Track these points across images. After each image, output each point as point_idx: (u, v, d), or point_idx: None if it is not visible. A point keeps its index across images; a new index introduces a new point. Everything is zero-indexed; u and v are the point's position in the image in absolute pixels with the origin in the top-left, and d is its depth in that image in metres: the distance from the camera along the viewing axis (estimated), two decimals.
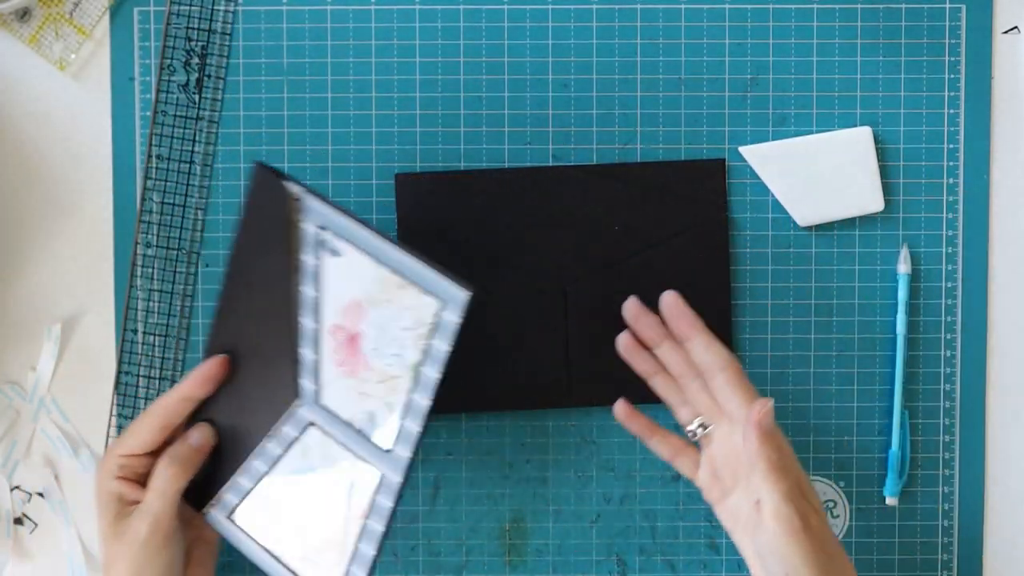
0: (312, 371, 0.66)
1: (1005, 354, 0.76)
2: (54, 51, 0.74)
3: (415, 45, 0.75)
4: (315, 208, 0.65)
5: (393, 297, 0.64)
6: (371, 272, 0.65)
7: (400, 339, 0.65)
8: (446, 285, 0.63)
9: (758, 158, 0.75)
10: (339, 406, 0.66)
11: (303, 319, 0.66)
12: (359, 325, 0.65)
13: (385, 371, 0.65)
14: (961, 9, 0.75)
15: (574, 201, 0.74)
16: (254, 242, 0.67)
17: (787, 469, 0.64)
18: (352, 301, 0.65)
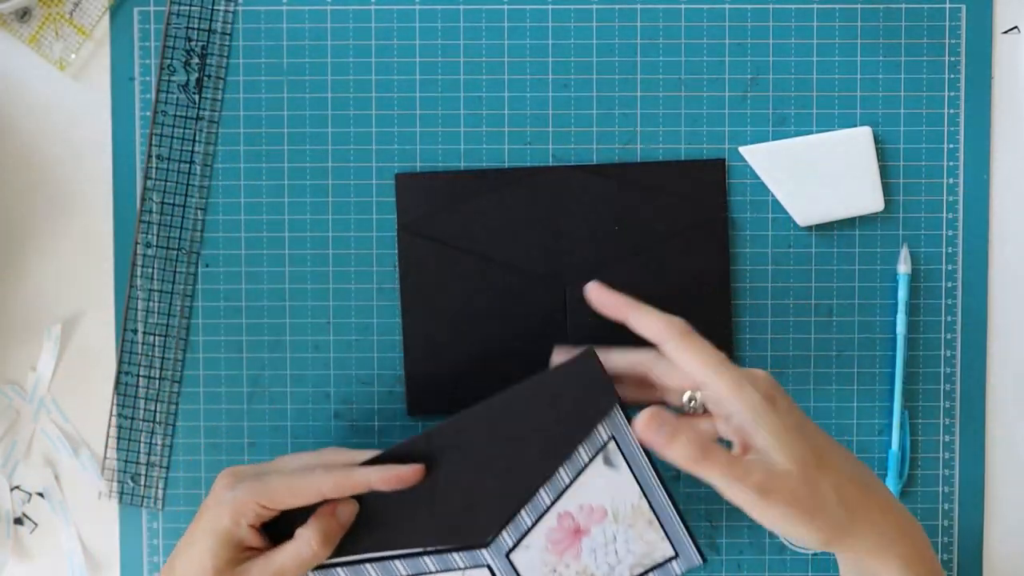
0: (518, 532, 0.66)
1: (1005, 354, 0.76)
2: (54, 51, 0.74)
3: (415, 45, 0.75)
4: (617, 422, 0.65)
5: (637, 525, 0.66)
6: (631, 498, 0.66)
7: (621, 556, 0.67)
8: (687, 543, 0.67)
9: (758, 158, 0.75)
10: (526, 569, 0.67)
11: (542, 492, 0.66)
12: (591, 527, 0.66)
13: (589, 568, 0.67)
14: (961, 9, 0.75)
15: (574, 201, 0.74)
16: (550, 402, 0.65)
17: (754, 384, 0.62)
18: (599, 506, 0.66)
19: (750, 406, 0.60)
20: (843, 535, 0.60)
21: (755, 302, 0.75)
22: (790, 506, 0.59)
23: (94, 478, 0.75)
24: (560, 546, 0.67)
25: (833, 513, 0.60)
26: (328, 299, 0.75)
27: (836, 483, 0.61)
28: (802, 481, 0.60)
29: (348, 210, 0.75)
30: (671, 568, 0.67)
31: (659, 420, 0.61)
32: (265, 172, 0.75)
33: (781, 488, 0.59)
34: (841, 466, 0.62)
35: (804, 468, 0.60)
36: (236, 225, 0.75)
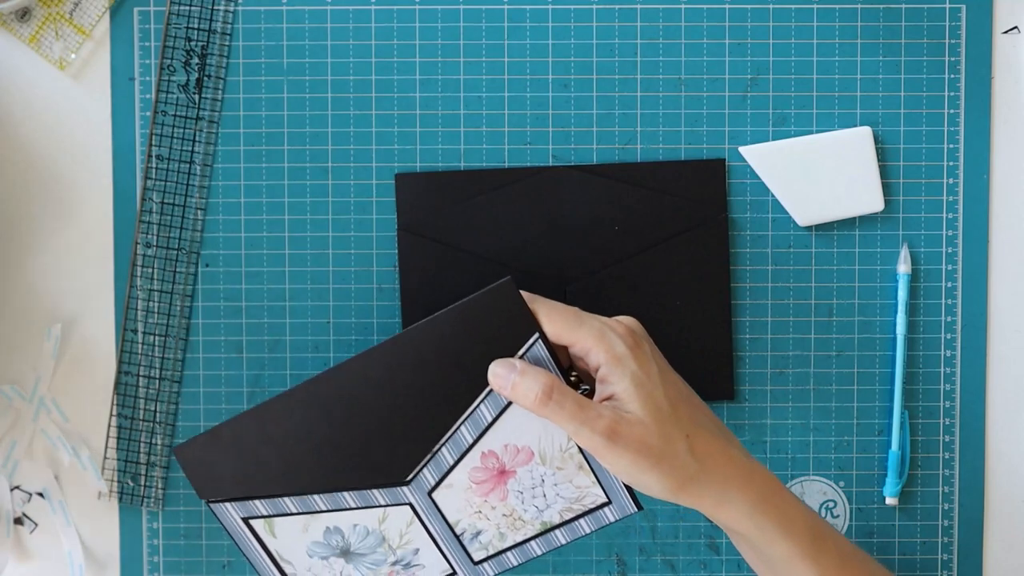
0: (440, 470, 0.65)
1: (1005, 354, 0.76)
2: (54, 51, 0.74)
3: (415, 45, 0.75)
4: (540, 356, 0.63)
5: (567, 469, 0.65)
6: (560, 439, 0.64)
7: (550, 500, 0.66)
8: (623, 494, 0.66)
9: (758, 158, 0.75)
10: (449, 508, 0.66)
11: (463, 429, 0.64)
12: (517, 467, 0.65)
13: (517, 512, 0.66)
14: (961, 9, 0.75)
15: (574, 201, 0.74)
16: (468, 333, 0.63)
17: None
18: (524, 447, 0.64)
19: (612, 354, 0.60)
20: (690, 484, 0.60)
21: (755, 302, 0.75)
22: (639, 453, 0.59)
23: (94, 478, 0.75)
24: (484, 487, 0.65)
25: (683, 463, 0.60)
26: (328, 299, 0.75)
27: (688, 433, 0.61)
28: (654, 430, 0.60)
29: (348, 210, 0.75)
30: (604, 515, 0.66)
31: (508, 366, 0.61)
32: (265, 172, 0.75)
33: (630, 435, 0.59)
34: (695, 417, 0.62)
35: (657, 416, 0.60)
36: (236, 225, 0.75)
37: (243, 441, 0.64)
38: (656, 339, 0.66)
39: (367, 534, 0.66)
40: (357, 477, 0.64)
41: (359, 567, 0.67)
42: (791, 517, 0.62)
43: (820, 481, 0.76)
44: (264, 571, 0.67)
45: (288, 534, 0.66)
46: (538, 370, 0.61)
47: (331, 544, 0.66)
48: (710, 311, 0.75)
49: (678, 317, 0.74)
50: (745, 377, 0.76)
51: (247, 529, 0.66)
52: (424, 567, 0.67)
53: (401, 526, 0.66)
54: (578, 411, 0.60)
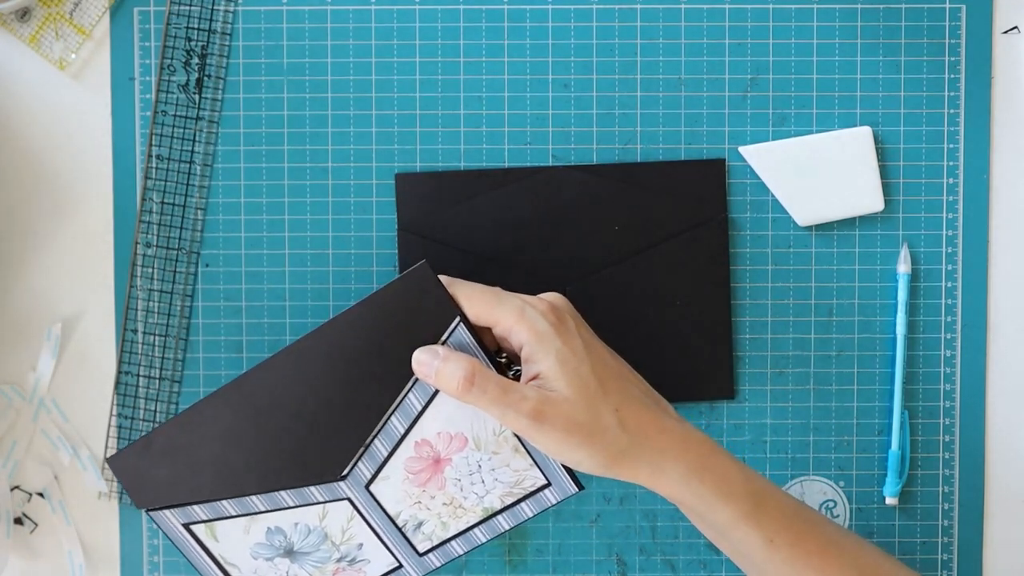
0: (375, 463, 0.64)
1: (1005, 354, 0.76)
2: (54, 51, 0.74)
3: (415, 45, 0.75)
4: (463, 341, 0.62)
5: (503, 452, 0.64)
6: (492, 424, 0.64)
7: (489, 486, 0.65)
8: (562, 475, 0.65)
9: (758, 158, 0.75)
10: (388, 500, 0.65)
11: (394, 419, 0.64)
12: (452, 455, 0.64)
13: (457, 499, 0.65)
14: (961, 9, 0.75)
15: (574, 201, 0.74)
16: (388, 321, 0.62)
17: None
18: (458, 434, 0.64)
19: (534, 332, 0.60)
20: (623, 457, 0.60)
21: (755, 302, 0.75)
22: (567, 432, 0.59)
23: (94, 478, 0.75)
24: (421, 476, 0.65)
25: (613, 437, 0.60)
26: (328, 299, 0.75)
27: (617, 406, 0.60)
28: (582, 407, 0.59)
29: (348, 210, 0.75)
30: (545, 497, 0.66)
31: (431, 353, 0.61)
32: (265, 172, 0.75)
33: (556, 414, 0.59)
34: (624, 389, 0.61)
35: (585, 393, 0.59)
36: (236, 225, 0.75)
37: (175, 446, 0.63)
38: (656, 339, 0.66)
39: (309, 532, 0.66)
40: (293, 475, 0.64)
41: (304, 566, 0.67)
42: (729, 480, 0.61)
43: (820, 481, 0.76)
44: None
45: (230, 537, 0.66)
46: (460, 355, 0.60)
47: (274, 544, 0.66)
48: (710, 311, 0.75)
49: (678, 317, 0.74)
50: (745, 377, 0.76)
51: (189, 535, 0.66)
52: (370, 562, 0.67)
53: (342, 522, 0.66)
54: (501, 395, 0.59)
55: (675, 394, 0.74)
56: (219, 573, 0.67)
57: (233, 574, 0.67)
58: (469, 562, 0.76)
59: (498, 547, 0.76)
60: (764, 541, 0.62)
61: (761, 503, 0.62)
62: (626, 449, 0.60)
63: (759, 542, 0.62)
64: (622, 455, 0.60)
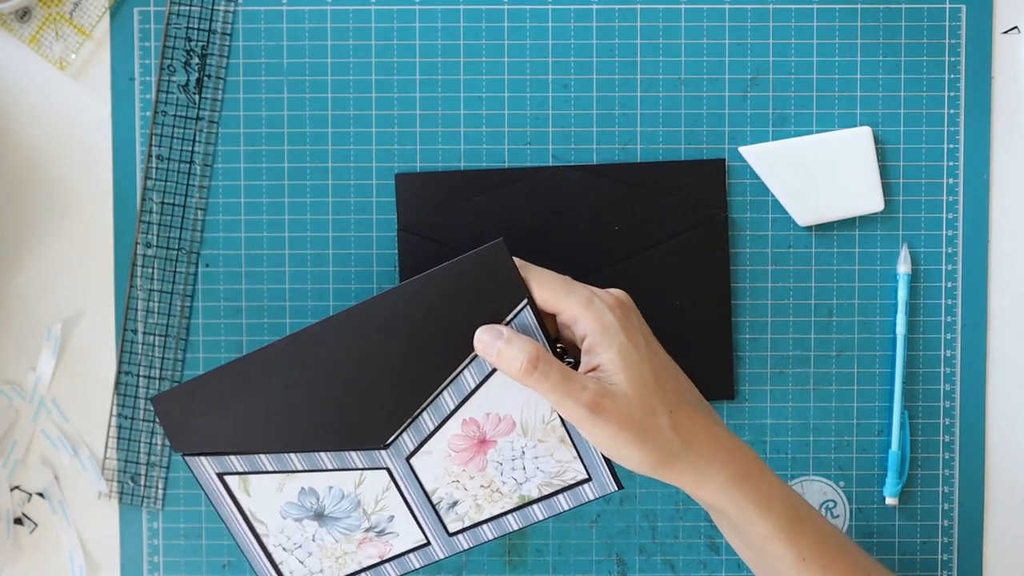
0: (419, 436, 0.64)
1: (1005, 354, 0.76)
2: (54, 51, 0.74)
3: (415, 45, 0.75)
4: (527, 323, 0.62)
5: (548, 441, 0.64)
6: (543, 411, 0.64)
7: (530, 473, 0.65)
8: (601, 466, 0.65)
9: (758, 158, 0.75)
10: (427, 475, 0.65)
11: (445, 394, 0.63)
12: (498, 437, 0.64)
13: (495, 483, 0.65)
14: (961, 9, 0.75)
15: (574, 201, 0.74)
16: (456, 295, 0.61)
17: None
18: (506, 416, 0.64)
19: (600, 324, 0.60)
20: (672, 459, 0.60)
21: (755, 302, 0.75)
22: (621, 427, 0.59)
23: (94, 478, 0.75)
24: (464, 455, 0.64)
25: (665, 438, 0.60)
26: (328, 299, 0.75)
27: (671, 408, 0.60)
28: (638, 404, 0.59)
29: (348, 210, 0.75)
30: (583, 492, 0.65)
31: (495, 332, 0.60)
32: (265, 172, 0.75)
33: (613, 408, 0.59)
34: (679, 392, 0.61)
35: (642, 391, 0.59)
36: (236, 225, 0.75)
37: (222, 394, 0.63)
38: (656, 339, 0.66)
39: (342, 497, 0.65)
40: (337, 438, 0.63)
41: (332, 531, 0.66)
42: (770, 496, 0.62)
43: (820, 481, 0.76)
44: (236, 530, 0.66)
45: (262, 493, 0.65)
46: (524, 338, 0.60)
47: (305, 506, 0.65)
48: (710, 311, 0.75)
49: (678, 317, 0.74)
50: (745, 377, 0.76)
51: (222, 486, 0.65)
52: (398, 535, 0.67)
53: (377, 491, 0.65)
54: (562, 382, 0.59)
55: None
56: (246, 527, 0.66)
57: (259, 530, 0.66)
58: (469, 562, 0.76)
59: (498, 547, 0.76)
60: (796, 559, 0.62)
61: (798, 521, 0.62)
62: (676, 451, 0.60)
63: (791, 559, 0.62)
64: (672, 457, 0.60)
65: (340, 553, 0.67)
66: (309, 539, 0.66)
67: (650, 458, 0.60)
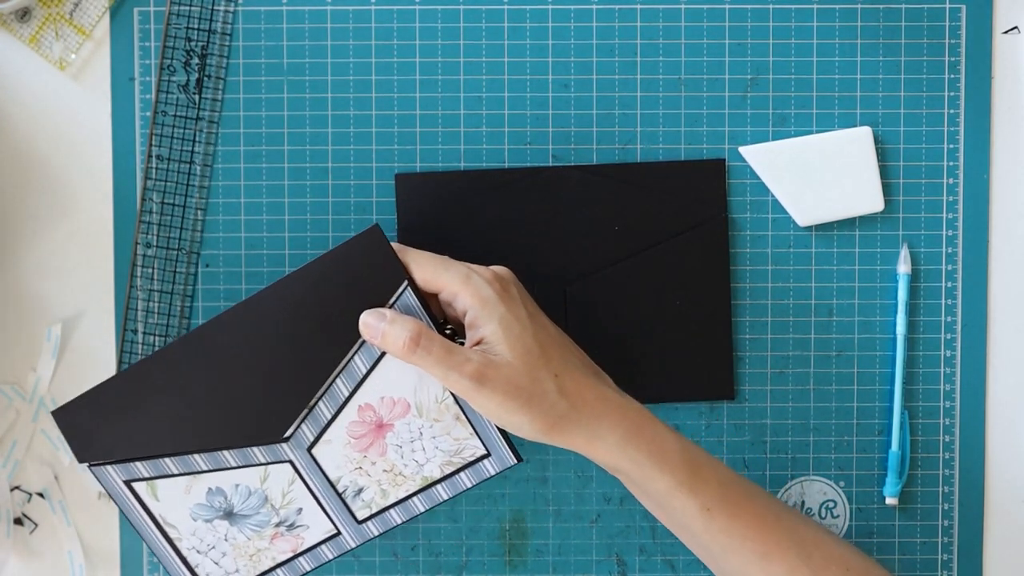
0: (318, 425, 0.65)
1: (1005, 354, 0.76)
2: (54, 51, 0.74)
3: (415, 45, 0.75)
4: (410, 305, 0.63)
5: (444, 420, 0.65)
6: (435, 391, 0.65)
7: (430, 454, 0.66)
8: (501, 446, 0.66)
9: (758, 158, 0.75)
10: (329, 464, 0.66)
11: (339, 382, 0.64)
12: (395, 420, 0.65)
13: (397, 467, 0.66)
14: (961, 9, 0.75)
15: (574, 201, 0.74)
16: (338, 283, 0.63)
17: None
18: (401, 399, 0.65)
19: (479, 298, 0.61)
20: (561, 422, 0.61)
21: (755, 302, 0.75)
22: (507, 395, 0.60)
23: (94, 478, 0.75)
24: (363, 441, 0.65)
25: (552, 403, 0.61)
26: None
27: (557, 372, 0.61)
28: (523, 371, 0.60)
29: (348, 210, 0.75)
30: (484, 468, 0.66)
31: (378, 315, 0.62)
32: (265, 172, 0.75)
33: (498, 377, 0.60)
34: (564, 357, 0.62)
35: (526, 358, 0.61)
36: (236, 225, 0.75)
37: (122, 401, 0.64)
38: (656, 339, 0.66)
39: (249, 494, 0.66)
40: (237, 434, 0.64)
41: (243, 529, 0.67)
42: (665, 449, 0.62)
43: (820, 481, 0.76)
44: (149, 537, 0.67)
45: (171, 496, 0.66)
46: (406, 318, 0.61)
47: (214, 506, 0.66)
48: (710, 311, 0.75)
49: (678, 317, 0.74)
50: (745, 377, 0.76)
51: (130, 492, 0.66)
52: (308, 527, 0.67)
53: (283, 485, 0.66)
54: (445, 356, 0.60)
55: (675, 394, 0.74)
56: (158, 533, 0.67)
57: (172, 534, 0.67)
58: (469, 562, 0.76)
59: (498, 547, 0.76)
60: (701, 509, 0.62)
61: (697, 471, 0.62)
62: (565, 414, 0.61)
63: (695, 510, 0.62)
64: (561, 420, 0.61)
65: (253, 551, 0.67)
66: (222, 539, 0.67)
67: (540, 424, 0.61)
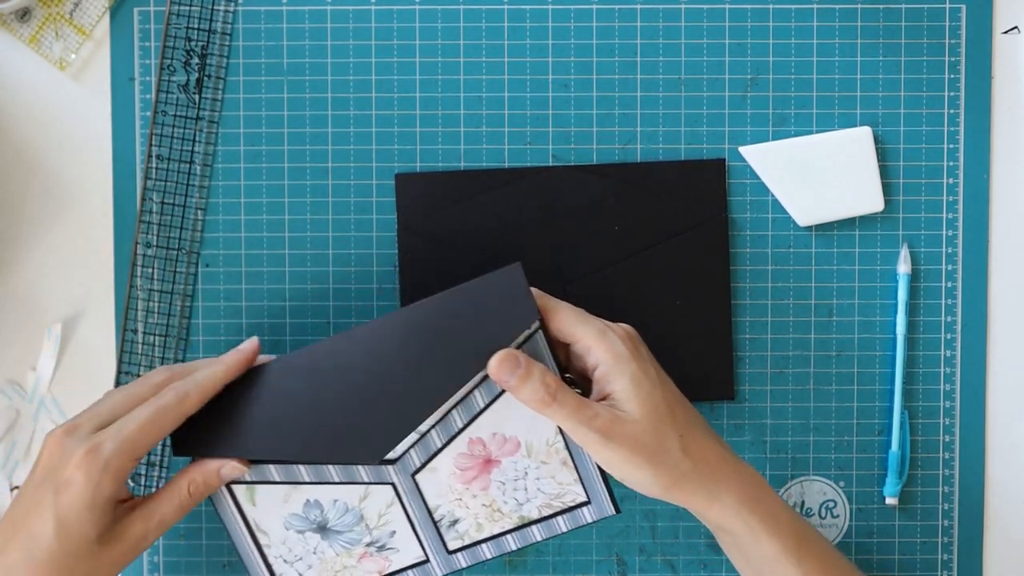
0: (427, 452, 0.65)
1: (1005, 354, 0.76)
2: (54, 51, 0.74)
3: (415, 45, 0.75)
4: (538, 347, 0.63)
5: (551, 463, 0.65)
6: (547, 433, 0.65)
7: (531, 494, 0.66)
8: (603, 495, 0.66)
9: (758, 158, 0.75)
10: (430, 492, 0.66)
11: (454, 414, 0.64)
12: (503, 457, 0.65)
13: (497, 503, 0.66)
14: (961, 9, 0.75)
15: (574, 201, 0.74)
16: (469, 315, 0.62)
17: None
18: (512, 437, 0.65)
19: (613, 353, 0.62)
20: (683, 481, 0.62)
21: (755, 302, 0.75)
22: (633, 451, 0.61)
23: None
24: (468, 474, 0.65)
25: (676, 461, 0.61)
26: (328, 299, 0.75)
27: (681, 432, 0.62)
28: (649, 429, 0.61)
29: (348, 210, 0.75)
30: (582, 515, 0.66)
31: (513, 360, 0.61)
32: (265, 172, 0.75)
33: (625, 434, 0.61)
34: (688, 418, 0.63)
35: (653, 417, 0.61)
36: (236, 225, 0.75)
37: (230, 401, 0.63)
38: (656, 339, 0.67)
39: (346, 511, 0.66)
40: (342, 451, 0.63)
41: (333, 544, 0.67)
42: (777, 517, 0.63)
43: (820, 481, 0.76)
44: (239, 540, 0.66)
45: (268, 503, 0.65)
46: (543, 368, 0.61)
47: (309, 518, 0.66)
48: (710, 311, 0.75)
49: (678, 317, 0.74)
50: (745, 377, 0.76)
51: (228, 495, 0.65)
52: (398, 551, 0.67)
53: (381, 506, 0.66)
54: (576, 410, 0.61)
55: None
56: (249, 537, 0.66)
57: (262, 540, 0.66)
58: None
59: None
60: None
61: (804, 542, 0.64)
62: (687, 473, 0.62)
63: None
64: (683, 479, 0.62)
65: (340, 567, 0.67)
66: (310, 552, 0.67)
67: (663, 480, 0.62)
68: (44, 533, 0.59)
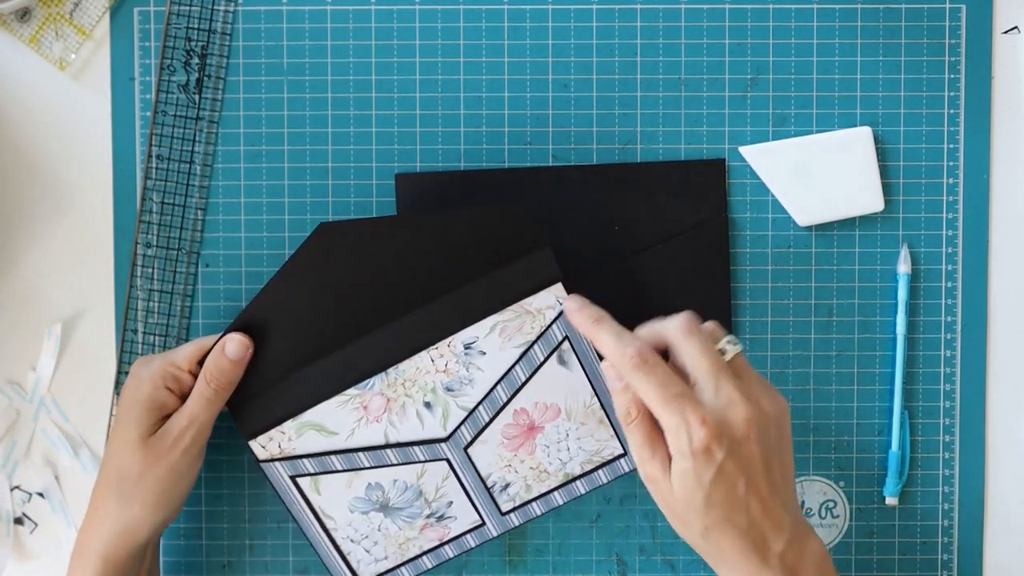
0: (476, 427, 0.71)
1: (1005, 354, 0.76)
2: (54, 51, 0.74)
3: (415, 45, 0.75)
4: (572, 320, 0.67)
5: (589, 424, 0.71)
6: (584, 397, 0.71)
7: (573, 453, 0.72)
8: None
9: (758, 158, 0.75)
10: (482, 462, 0.71)
11: (499, 388, 0.70)
12: (545, 423, 0.71)
13: (543, 464, 0.72)
14: (961, 9, 0.75)
15: (574, 201, 0.74)
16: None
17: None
18: (553, 404, 0.71)
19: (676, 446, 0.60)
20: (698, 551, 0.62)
21: (755, 302, 0.75)
22: (662, 507, 0.62)
23: (94, 478, 0.75)
24: (515, 441, 0.71)
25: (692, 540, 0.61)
26: None
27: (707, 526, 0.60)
28: (679, 512, 0.61)
29: (348, 210, 0.75)
30: (620, 465, 0.73)
31: (587, 305, 0.65)
32: (265, 172, 0.75)
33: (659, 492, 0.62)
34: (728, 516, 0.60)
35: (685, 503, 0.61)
36: (236, 225, 0.75)
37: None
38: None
39: (406, 488, 0.71)
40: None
41: (396, 520, 0.72)
42: None
43: (820, 481, 0.76)
44: (307, 527, 0.71)
45: (332, 490, 0.71)
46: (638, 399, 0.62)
47: (371, 499, 0.71)
48: (710, 311, 0.74)
49: None
50: None
51: (294, 487, 0.71)
52: (456, 518, 0.73)
53: (438, 480, 0.71)
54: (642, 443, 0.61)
55: None
56: (316, 523, 0.72)
57: (328, 525, 0.72)
58: (469, 562, 0.76)
59: (498, 547, 0.76)
60: None
61: None
62: (702, 550, 0.62)
63: None
64: (698, 550, 0.62)
65: (403, 540, 0.72)
66: (375, 529, 0.72)
67: (683, 533, 0.62)
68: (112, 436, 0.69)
